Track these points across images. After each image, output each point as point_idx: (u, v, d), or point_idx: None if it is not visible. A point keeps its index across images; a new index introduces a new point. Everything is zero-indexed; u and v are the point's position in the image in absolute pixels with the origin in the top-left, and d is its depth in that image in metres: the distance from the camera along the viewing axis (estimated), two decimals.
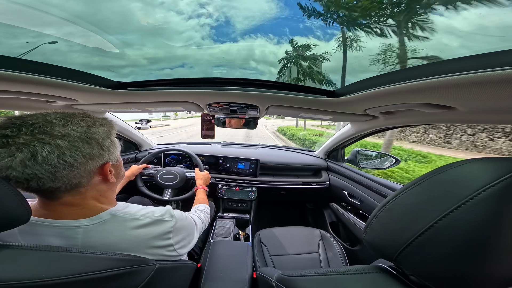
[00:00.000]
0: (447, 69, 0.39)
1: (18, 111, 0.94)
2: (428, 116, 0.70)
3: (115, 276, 0.38)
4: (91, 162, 0.43)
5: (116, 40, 0.76)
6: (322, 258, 1.09)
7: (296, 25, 0.70)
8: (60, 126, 0.39)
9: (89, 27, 0.67)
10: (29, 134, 0.36)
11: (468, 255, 0.24)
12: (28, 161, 0.35)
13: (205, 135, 1.30)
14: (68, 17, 0.63)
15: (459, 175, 0.27)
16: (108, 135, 0.47)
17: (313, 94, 0.73)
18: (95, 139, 0.43)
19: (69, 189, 0.42)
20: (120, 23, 0.73)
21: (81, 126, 0.42)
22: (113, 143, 0.49)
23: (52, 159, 0.37)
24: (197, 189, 1.10)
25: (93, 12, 0.68)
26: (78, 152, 0.40)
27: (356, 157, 1.46)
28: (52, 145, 0.37)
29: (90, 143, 0.42)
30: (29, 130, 0.36)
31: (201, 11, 0.74)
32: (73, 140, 0.39)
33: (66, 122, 0.41)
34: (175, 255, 0.53)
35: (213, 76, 0.74)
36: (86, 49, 0.74)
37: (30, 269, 0.32)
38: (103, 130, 0.46)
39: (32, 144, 0.36)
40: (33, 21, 0.59)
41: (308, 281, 0.41)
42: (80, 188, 0.44)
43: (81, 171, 0.42)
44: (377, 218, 0.36)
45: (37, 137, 0.36)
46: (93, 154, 0.43)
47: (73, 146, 0.39)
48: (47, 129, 0.38)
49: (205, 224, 0.81)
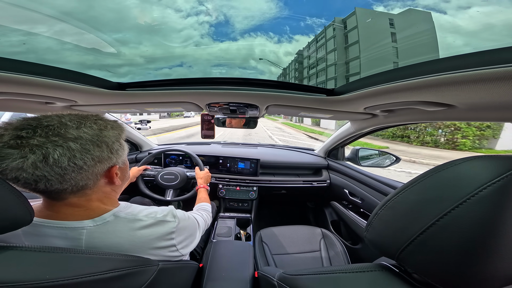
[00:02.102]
0: (447, 67, 0.39)
1: (17, 112, 0.94)
2: (428, 114, 0.70)
3: (118, 277, 0.38)
4: (99, 165, 0.43)
5: (110, 38, 0.76)
6: (324, 256, 1.10)
7: (297, 24, 0.70)
8: (74, 128, 0.40)
9: (81, 25, 0.66)
10: (43, 136, 0.36)
11: (470, 253, 0.24)
12: (40, 163, 0.36)
13: (205, 135, 1.30)
14: (58, 15, 0.62)
15: (460, 173, 0.27)
16: (118, 138, 0.48)
17: (313, 92, 0.73)
18: (105, 142, 0.44)
19: (75, 190, 0.42)
20: (114, 21, 0.72)
21: (93, 129, 0.42)
22: (122, 146, 0.50)
23: (63, 162, 0.37)
24: (198, 188, 1.10)
25: (86, 9, 0.67)
26: (88, 155, 0.40)
27: (356, 156, 1.46)
28: (65, 148, 0.37)
29: (101, 146, 0.42)
30: (44, 132, 0.37)
31: (200, 8, 0.73)
32: (85, 143, 0.40)
33: (80, 124, 0.41)
34: (177, 255, 0.53)
35: (212, 76, 0.73)
36: (79, 48, 0.73)
37: (33, 270, 0.32)
38: (114, 133, 0.46)
39: (45, 146, 0.36)
40: (21, 19, 0.58)
41: (310, 279, 0.41)
42: (86, 190, 0.44)
43: (89, 174, 0.42)
44: (378, 216, 0.36)
45: (50, 139, 0.37)
46: (102, 157, 0.43)
47: (84, 149, 0.39)
48: (61, 131, 0.38)
49: (207, 223, 0.81)
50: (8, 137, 0.35)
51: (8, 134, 0.36)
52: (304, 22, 0.66)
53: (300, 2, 0.63)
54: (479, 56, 0.35)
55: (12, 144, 0.35)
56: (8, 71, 0.49)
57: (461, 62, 0.37)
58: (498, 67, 0.33)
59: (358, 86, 0.61)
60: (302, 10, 0.63)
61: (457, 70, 0.37)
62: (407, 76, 0.46)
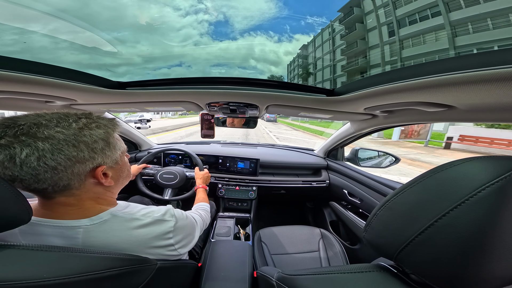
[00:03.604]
0: (447, 68, 0.39)
1: (17, 111, 0.94)
2: (428, 114, 0.70)
3: (116, 276, 0.38)
4: (79, 165, 0.41)
5: (107, 37, 0.75)
6: (322, 257, 1.10)
7: (297, 23, 0.69)
8: (49, 127, 0.38)
9: (76, 22, 0.65)
10: (12, 136, 0.35)
11: (468, 254, 0.24)
12: (7, 162, 0.35)
13: (205, 135, 1.30)
14: (53, 12, 0.61)
15: (459, 174, 0.27)
16: (105, 137, 0.46)
17: (313, 93, 0.73)
18: (84, 142, 0.41)
19: (57, 190, 0.41)
20: (111, 19, 0.71)
21: (71, 128, 0.40)
22: (111, 145, 0.47)
23: (31, 162, 0.36)
24: (197, 188, 1.10)
25: (81, 6, 0.66)
26: (61, 155, 0.38)
27: (355, 156, 1.46)
28: (33, 147, 0.36)
29: (77, 146, 0.40)
30: (14, 131, 0.36)
31: (200, 6, 0.72)
32: (56, 142, 0.38)
33: (58, 123, 0.39)
34: (175, 255, 0.53)
35: (212, 76, 0.73)
36: (74, 46, 0.72)
37: (31, 269, 0.32)
38: (98, 133, 0.44)
39: (12, 146, 0.35)
40: (14, 17, 0.58)
41: (308, 279, 0.41)
42: (72, 190, 0.43)
43: (68, 174, 0.40)
44: (377, 216, 0.36)
45: (19, 139, 0.36)
46: (80, 157, 0.41)
47: (55, 149, 0.38)
48: (32, 130, 0.37)
49: (206, 223, 0.81)
50: None
51: None
52: (304, 21, 0.65)
53: (300, 1, 0.63)
54: (480, 57, 0.35)
55: None
56: (7, 69, 0.49)
57: (461, 63, 0.37)
58: (498, 68, 0.33)
59: (358, 87, 0.61)
60: (302, 10, 0.62)
61: (458, 71, 0.37)
62: (407, 77, 0.46)
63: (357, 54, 1.34)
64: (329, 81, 5.48)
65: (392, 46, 1.59)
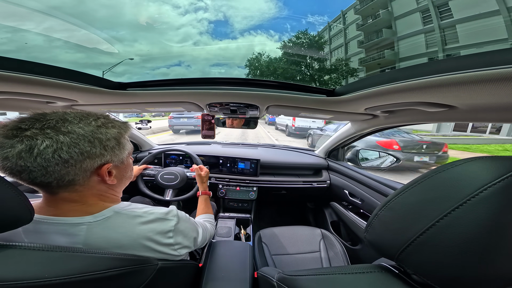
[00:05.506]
0: (448, 68, 0.39)
1: (18, 111, 0.94)
2: (429, 115, 0.70)
3: (117, 276, 0.38)
4: (88, 160, 0.43)
5: (104, 36, 0.74)
6: (323, 257, 1.09)
7: (297, 23, 0.69)
8: (73, 123, 0.41)
9: (71, 20, 0.65)
10: (38, 128, 0.37)
11: (469, 254, 0.24)
12: (24, 153, 0.36)
13: (205, 135, 1.30)
14: (46, 9, 0.60)
15: (460, 174, 0.27)
16: (118, 136, 0.48)
17: (313, 93, 0.73)
18: (99, 138, 0.44)
19: (61, 185, 0.42)
20: (107, 16, 0.70)
21: (91, 125, 0.43)
22: (121, 145, 0.49)
23: (47, 153, 0.37)
24: (199, 195, 1.02)
25: (75, 3, 0.65)
26: (76, 149, 0.40)
27: (356, 156, 1.46)
28: (53, 140, 0.38)
29: (92, 141, 0.42)
30: (41, 124, 0.38)
31: (199, 4, 0.72)
32: (76, 137, 0.40)
33: (80, 120, 0.42)
34: (175, 255, 0.53)
35: (211, 76, 0.74)
36: (69, 45, 0.72)
37: (33, 269, 0.32)
38: (112, 132, 0.47)
39: (36, 138, 0.37)
40: (6, 15, 0.58)
41: (309, 280, 0.41)
42: (76, 185, 0.44)
43: (76, 169, 0.41)
44: (378, 217, 0.36)
45: (44, 132, 0.38)
46: (92, 153, 0.42)
47: (72, 143, 0.39)
48: (57, 125, 0.39)
49: (210, 233, 0.77)
50: (9, 127, 0.37)
51: (11, 124, 0.37)
52: (305, 20, 0.65)
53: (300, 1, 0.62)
54: (480, 57, 0.35)
55: (8, 134, 0.36)
56: (11, 70, 0.49)
57: (462, 63, 0.37)
58: (499, 68, 0.33)
59: (359, 87, 0.61)
60: (302, 10, 0.62)
61: (458, 71, 0.37)
62: (408, 77, 0.46)
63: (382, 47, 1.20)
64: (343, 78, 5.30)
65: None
